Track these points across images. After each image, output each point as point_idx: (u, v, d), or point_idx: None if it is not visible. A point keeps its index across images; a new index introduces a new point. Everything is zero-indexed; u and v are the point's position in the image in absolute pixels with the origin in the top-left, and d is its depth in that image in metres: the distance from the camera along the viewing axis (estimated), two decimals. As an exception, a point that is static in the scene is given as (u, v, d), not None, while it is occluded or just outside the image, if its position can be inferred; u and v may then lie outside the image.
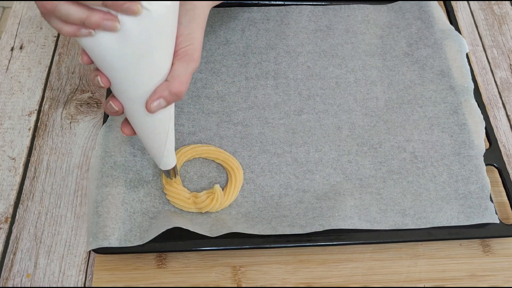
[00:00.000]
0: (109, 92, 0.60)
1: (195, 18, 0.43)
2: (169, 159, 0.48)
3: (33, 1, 0.35)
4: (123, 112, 0.43)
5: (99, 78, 0.40)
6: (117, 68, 0.39)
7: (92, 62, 0.40)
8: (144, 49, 0.38)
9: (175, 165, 0.50)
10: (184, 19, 0.42)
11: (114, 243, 0.48)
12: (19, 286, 0.49)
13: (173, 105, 0.44)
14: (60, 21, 0.35)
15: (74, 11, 0.35)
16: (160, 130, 0.45)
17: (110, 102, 0.42)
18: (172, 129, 0.46)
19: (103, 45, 0.37)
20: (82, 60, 0.39)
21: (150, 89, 0.41)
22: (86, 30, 0.35)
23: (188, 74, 0.42)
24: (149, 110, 0.41)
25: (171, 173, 0.50)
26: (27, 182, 0.55)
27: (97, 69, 0.40)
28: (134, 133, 0.46)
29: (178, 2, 0.39)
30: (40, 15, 0.36)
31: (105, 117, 0.57)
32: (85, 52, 0.39)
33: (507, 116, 0.63)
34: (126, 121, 0.46)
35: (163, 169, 0.49)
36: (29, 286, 0.49)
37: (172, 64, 0.42)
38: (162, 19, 0.37)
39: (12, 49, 0.66)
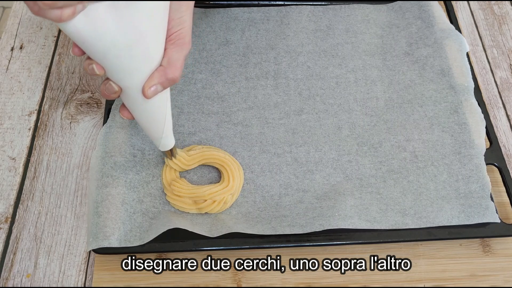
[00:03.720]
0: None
1: (183, 2, 0.43)
2: (167, 140, 0.49)
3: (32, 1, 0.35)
4: (119, 95, 0.43)
5: (94, 66, 0.40)
6: (111, 55, 0.39)
7: (83, 53, 0.40)
8: (136, 35, 0.38)
9: (174, 146, 0.50)
10: (173, 3, 0.42)
11: (114, 243, 0.48)
12: (19, 286, 0.49)
13: (168, 90, 0.45)
14: (57, 9, 0.35)
15: None
16: (158, 113, 0.45)
17: (110, 82, 0.42)
18: (169, 111, 0.46)
19: (95, 33, 0.37)
20: (72, 52, 0.40)
21: (146, 75, 0.41)
22: (81, 5, 0.35)
23: (182, 59, 0.42)
24: (146, 96, 0.42)
25: (168, 154, 0.51)
26: (27, 182, 0.55)
27: (90, 58, 0.40)
28: (132, 116, 0.46)
29: None
30: (35, 13, 0.36)
31: (105, 117, 0.57)
32: (75, 44, 0.39)
33: (507, 116, 0.63)
34: (124, 105, 0.46)
35: (162, 150, 0.50)
36: (29, 286, 0.49)
37: (165, 49, 0.42)
38: (154, 2, 0.37)
39: (12, 49, 0.66)
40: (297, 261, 0.51)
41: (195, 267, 0.50)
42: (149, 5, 0.37)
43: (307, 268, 0.50)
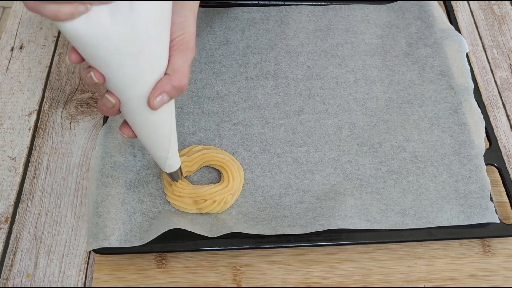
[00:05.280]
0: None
1: (187, 5, 0.41)
2: (173, 161, 0.47)
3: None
4: (119, 109, 0.41)
5: (92, 73, 0.37)
6: (114, 64, 0.36)
7: (81, 60, 0.37)
8: (142, 42, 0.36)
9: (180, 167, 0.49)
10: (176, 7, 0.40)
11: (114, 243, 0.48)
12: (19, 286, 0.49)
13: (173, 102, 0.43)
14: (55, 4, 0.32)
15: None
16: (163, 128, 0.44)
17: (106, 95, 0.40)
18: (175, 129, 0.45)
19: (98, 40, 0.35)
20: (69, 58, 0.37)
21: (150, 85, 0.39)
22: (83, 6, 0.33)
23: (188, 65, 0.41)
24: (151, 106, 0.39)
25: (175, 176, 0.49)
26: (27, 182, 0.55)
27: (90, 66, 0.38)
28: (134, 134, 0.44)
29: None
30: (30, 9, 0.33)
31: (105, 117, 0.57)
32: (74, 50, 0.36)
33: (507, 116, 0.63)
34: (126, 122, 0.44)
35: (167, 172, 0.49)
36: (29, 286, 0.49)
37: (169, 56, 0.40)
38: (159, 7, 0.36)
39: (12, 49, 0.66)
40: (297, 261, 0.51)
41: (195, 267, 0.50)
42: (154, 10, 0.35)
43: (307, 268, 0.50)
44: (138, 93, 0.39)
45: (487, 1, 0.74)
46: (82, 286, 0.49)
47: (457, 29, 0.67)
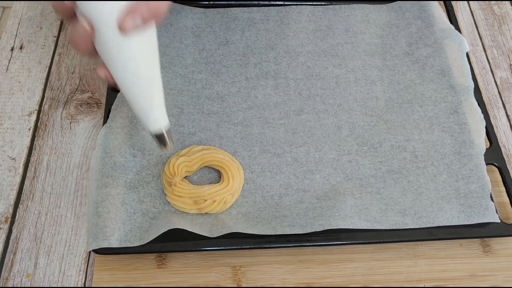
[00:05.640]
0: (110, 95, 0.60)
1: None
2: (159, 116, 0.42)
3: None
4: (93, 44, 0.37)
5: None
6: None
7: None
8: None
9: (170, 131, 0.44)
10: None
11: (114, 243, 0.48)
12: (19, 286, 0.49)
13: (156, 42, 0.38)
14: None
15: None
16: (141, 71, 0.39)
17: (80, 19, 0.35)
18: (159, 78, 0.41)
19: None
20: None
21: (122, 5, 0.35)
22: None
23: None
24: (122, 28, 0.35)
25: (164, 139, 0.44)
26: (27, 182, 0.55)
27: None
28: (111, 76, 0.39)
29: None
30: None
31: (105, 117, 0.57)
32: None
33: (507, 116, 0.63)
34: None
35: (153, 131, 0.43)
36: (29, 286, 0.49)
37: None
38: None
39: (12, 49, 0.66)
40: (297, 261, 0.51)
41: (195, 267, 0.50)
42: None
43: (307, 268, 0.50)
44: (108, 11, 0.35)
45: (487, 1, 0.74)
46: (82, 286, 0.49)
47: (457, 29, 0.67)
